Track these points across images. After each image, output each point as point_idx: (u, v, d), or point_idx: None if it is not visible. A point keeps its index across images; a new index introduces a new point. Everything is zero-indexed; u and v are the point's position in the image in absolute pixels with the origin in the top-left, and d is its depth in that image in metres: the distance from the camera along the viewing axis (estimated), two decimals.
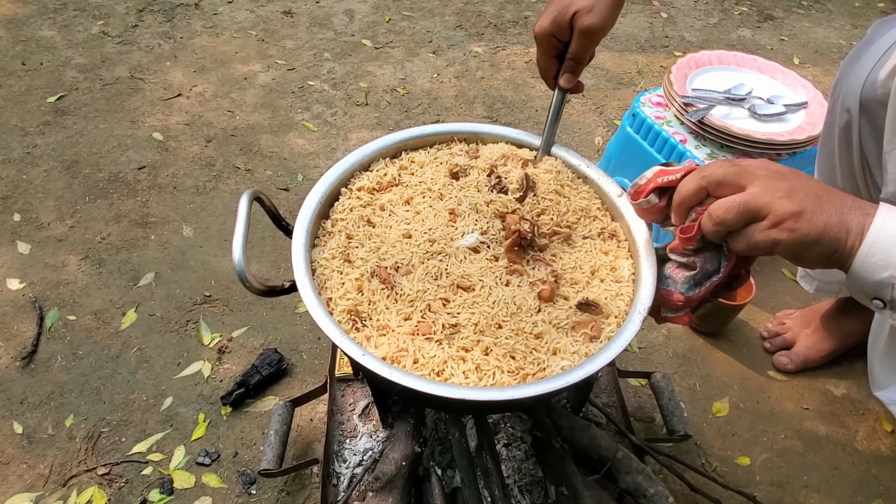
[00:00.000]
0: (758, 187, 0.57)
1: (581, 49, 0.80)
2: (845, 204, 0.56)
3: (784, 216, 0.55)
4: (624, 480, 0.89)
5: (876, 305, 0.58)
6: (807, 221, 0.55)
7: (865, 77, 0.87)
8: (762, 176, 0.57)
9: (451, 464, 1.02)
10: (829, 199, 0.56)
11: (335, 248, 0.80)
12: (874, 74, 0.86)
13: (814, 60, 2.31)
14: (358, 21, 2.39)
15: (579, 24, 0.77)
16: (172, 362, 1.32)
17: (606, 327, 0.74)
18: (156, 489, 1.13)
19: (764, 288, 1.49)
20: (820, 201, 0.56)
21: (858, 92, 0.89)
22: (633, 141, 1.48)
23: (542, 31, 0.81)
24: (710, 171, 0.60)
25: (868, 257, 0.55)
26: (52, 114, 1.90)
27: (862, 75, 0.88)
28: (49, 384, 1.27)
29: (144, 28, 2.28)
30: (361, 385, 1.17)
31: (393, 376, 0.64)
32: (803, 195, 0.56)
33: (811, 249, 0.56)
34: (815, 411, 1.28)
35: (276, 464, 1.00)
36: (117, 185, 1.70)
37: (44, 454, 1.17)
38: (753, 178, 0.57)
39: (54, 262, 1.50)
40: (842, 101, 0.94)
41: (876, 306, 0.58)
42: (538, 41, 0.83)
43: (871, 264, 0.55)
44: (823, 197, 0.56)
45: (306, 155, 1.82)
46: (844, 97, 0.93)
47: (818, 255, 0.56)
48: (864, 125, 0.91)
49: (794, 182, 0.57)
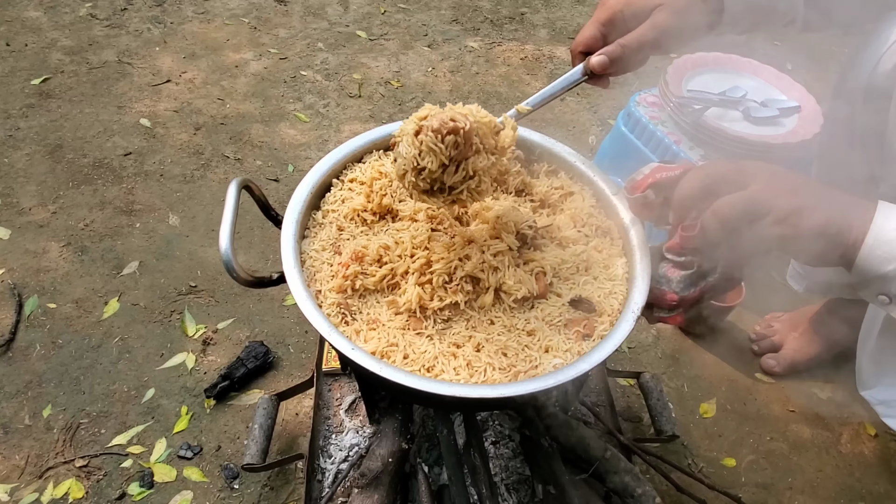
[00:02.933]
0: (760, 185, 0.57)
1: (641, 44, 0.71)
2: (846, 201, 0.57)
3: (787, 212, 0.55)
4: (612, 480, 0.88)
5: (882, 301, 0.58)
6: (809, 217, 0.55)
7: (871, 67, 0.87)
8: (764, 175, 0.57)
9: (438, 461, 1.01)
10: (830, 196, 0.57)
11: (325, 240, 0.78)
12: (880, 65, 0.86)
13: (806, 66, 2.31)
14: (353, 12, 2.36)
15: (656, 19, 0.70)
16: (155, 353, 1.29)
17: (599, 325, 0.73)
18: (135, 482, 1.10)
19: (753, 291, 1.49)
20: (821, 198, 0.56)
21: (864, 82, 0.88)
22: (628, 140, 1.47)
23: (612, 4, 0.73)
24: (712, 169, 0.60)
25: (872, 251, 0.55)
26: (36, 96, 1.85)
27: (868, 66, 0.87)
28: (27, 373, 1.24)
29: (134, 12, 2.23)
30: (349, 380, 1.15)
31: (383, 372, 0.63)
32: (805, 192, 0.56)
33: (814, 245, 0.56)
34: (800, 414, 1.29)
35: (259, 458, 0.98)
36: (102, 172, 1.66)
37: (20, 445, 1.14)
38: (755, 176, 0.58)
39: (35, 248, 1.46)
40: (846, 92, 0.93)
41: (882, 302, 0.58)
42: (601, 10, 0.74)
43: (877, 258, 0.55)
44: (824, 194, 0.57)
45: (297, 146, 1.80)
46: (849, 87, 0.92)
47: (821, 250, 0.56)
48: (867, 116, 0.90)
49: (794, 180, 0.57)
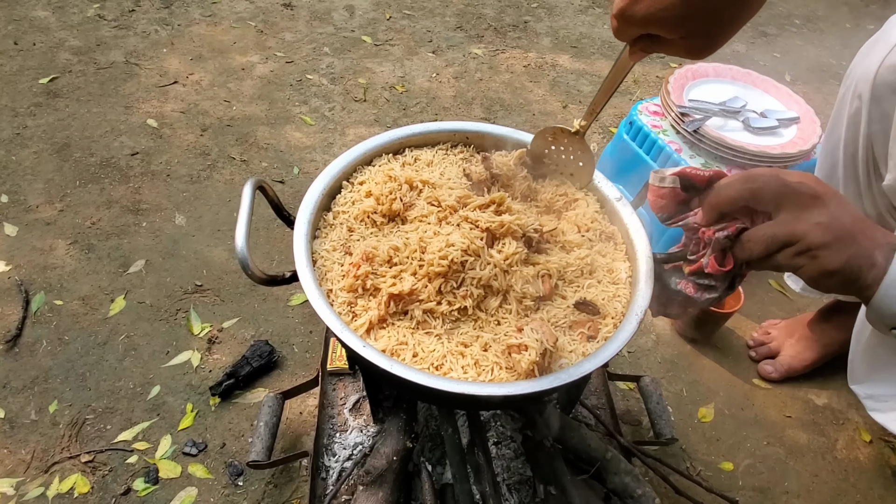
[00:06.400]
0: (791, 215, 0.57)
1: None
2: (876, 238, 0.57)
3: (812, 246, 0.56)
4: (612, 481, 0.90)
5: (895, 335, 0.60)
6: (833, 253, 0.56)
7: (880, 63, 0.87)
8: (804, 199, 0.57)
9: (442, 459, 1.02)
10: (861, 230, 0.57)
11: (336, 241, 0.80)
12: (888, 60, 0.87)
13: (805, 78, 2.36)
14: (358, 17, 2.39)
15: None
16: (161, 351, 1.30)
17: (603, 328, 0.75)
18: (140, 478, 1.11)
19: (751, 298, 1.52)
20: (852, 233, 0.56)
21: (872, 77, 0.89)
22: (629, 148, 1.50)
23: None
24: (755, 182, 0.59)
25: (889, 290, 0.56)
26: (44, 95, 1.86)
27: (876, 61, 0.88)
28: (33, 369, 1.25)
29: (141, 13, 2.25)
30: (353, 379, 1.17)
31: (393, 369, 0.65)
32: (838, 226, 0.56)
33: (831, 278, 0.57)
34: (797, 419, 1.31)
35: (264, 455, 0.99)
36: (109, 171, 1.67)
37: (26, 440, 1.15)
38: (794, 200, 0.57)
39: (42, 245, 1.47)
40: (854, 88, 0.94)
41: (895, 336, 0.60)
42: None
43: (892, 297, 0.56)
44: (856, 228, 0.57)
45: (303, 148, 1.82)
46: (857, 83, 0.93)
47: (837, 283, 0.57)
48: (873, 112, 0.91)
49: (833, 210, 0.57)
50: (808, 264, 0.57)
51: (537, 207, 0.89)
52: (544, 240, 0.82)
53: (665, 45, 0.62)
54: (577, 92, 2.15)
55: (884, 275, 0.56)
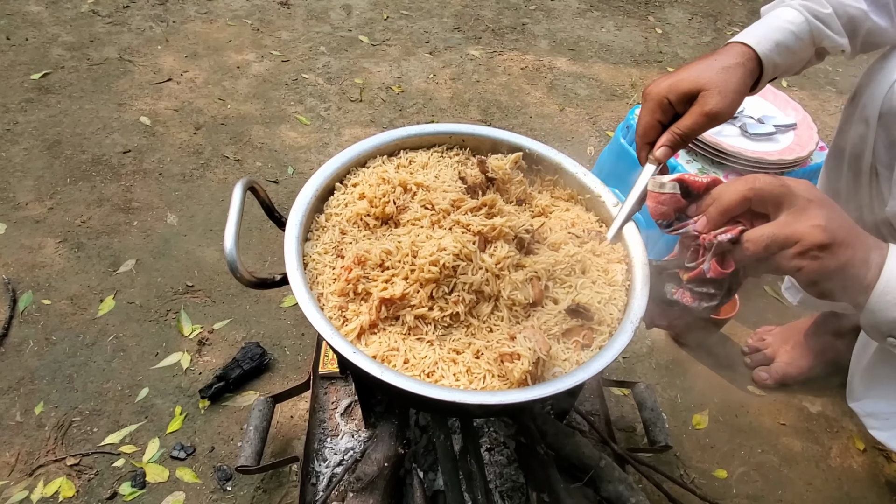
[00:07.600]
0: (790, 216, 0.57)
1: (696, 129, 0.75)
2: (869, 243, 0.58)
3: (812, 246, 0.56)
4: (606, 489, 0.89)
5: (890, 343, 0.60)
6: (833, 253, 0.56)
7: (889, 87, 0.87)
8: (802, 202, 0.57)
9: (434, 466, 1.01)
10: (857, 235, 0.58)
11: (328, 243, 0.79)
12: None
13: (801, 84, 2.36)
14: (356, 17, 2.38)
15: (705, 105, 0.73)
16: (150, 352, 1.29)
17: (598, 336, 0.74)
18: (127, 482, 1.09)
19: (746, 304, 1.51)
20: (849, 236, 0.57)
21: (880, 102, 0.88)
22: (626, 152, 1.49)
23: (656, 92, 0.76)
24: (758, 184, 0.60)
25: (882, 296, 0.56)
26: (36, 91, 1.84)
27: (885, 85, 0.87)
28: (19, 369, 1.23)
29: (136, 10, 2.23)
30: (345, 384, 1.15)
31: (384, 376, 0.63)
32: (836, 227, 0.56)
33: (830, 280, 0.57)
34: (791, 427, 1.30)
35: (254, 460, 0.98)
36: (100, 168, 1.65)
37: (10, 441, 1.13)
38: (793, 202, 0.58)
39: (30, 243, 1.45)
40: (860, 111, 0.93)
41: (890, 344, 0.60)
42: (647, 100, 0.78)
43: (886, 302, 0.56)
44: (853, 232, 0.57)
45: (297, 148, 1.80)
46: (864, 107, 0.92)
47: (835, 286, 0.58)
48: (879, 136, 0.91)
49: (830, 213, 0.57)
50: (808, 265, 0.57)
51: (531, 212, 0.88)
52: (534, 240, 0.80)
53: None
54: (574, 95, 2.14)
55: (876, 280, 0.57)
